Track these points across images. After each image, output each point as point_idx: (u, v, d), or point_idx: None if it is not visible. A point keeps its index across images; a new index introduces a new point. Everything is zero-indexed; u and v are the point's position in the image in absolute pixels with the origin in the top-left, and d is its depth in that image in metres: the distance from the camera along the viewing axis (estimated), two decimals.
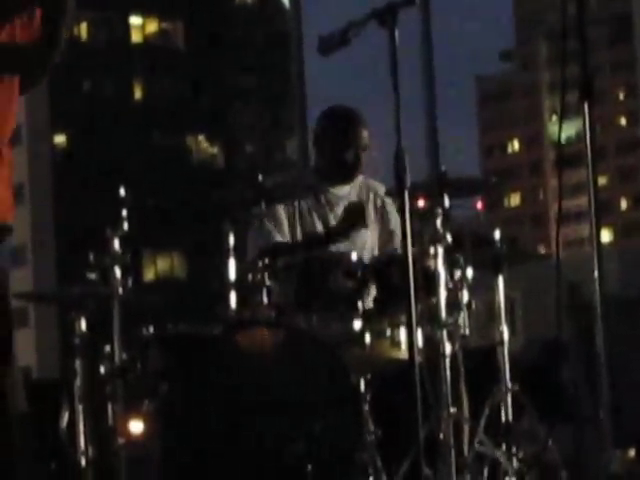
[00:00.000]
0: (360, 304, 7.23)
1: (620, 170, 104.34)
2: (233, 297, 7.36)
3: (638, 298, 7.41)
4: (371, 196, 8.41)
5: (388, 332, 7.27)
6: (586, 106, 5.68)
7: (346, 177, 8.36)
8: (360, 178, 8.44)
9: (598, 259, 5.68)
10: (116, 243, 7.71)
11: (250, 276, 7.35)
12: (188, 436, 6.93)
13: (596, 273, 5.67)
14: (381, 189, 8.30)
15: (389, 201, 8.26)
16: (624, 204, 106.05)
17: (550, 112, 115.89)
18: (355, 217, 7.71)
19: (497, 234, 7.75)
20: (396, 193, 6.61)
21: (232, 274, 7.40)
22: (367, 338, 7.20)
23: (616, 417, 5.72)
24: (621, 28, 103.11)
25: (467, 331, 7.35)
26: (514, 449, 7.27)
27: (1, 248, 5.98)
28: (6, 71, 5.89)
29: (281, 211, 8.26)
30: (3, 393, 6.33)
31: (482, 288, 7.57)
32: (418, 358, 6.33)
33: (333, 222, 8.28)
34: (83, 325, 7.90)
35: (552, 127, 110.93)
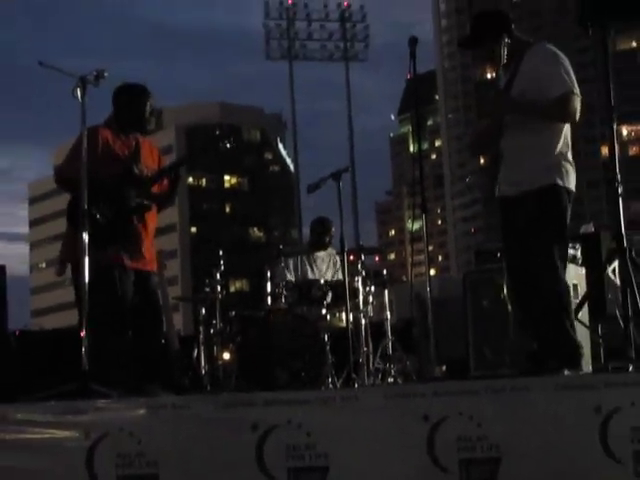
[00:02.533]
0: (325, 302, 7.18)
1: (439, 244, 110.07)
2: (269, 299, 7.33)
3: (446, 300, 7.36)
4: (331, 256, 8.35)
5: (337, 314, 7.19)
6: (424, 216, 5.83)
7: (324, 248, 8.34)
8: (328, 248, 8.38)
9: (429, 282, 5.90)
10: (217, 275, 7.65)
11: (276, 290, 7.34)
12: (248, 359, 6.99)
13: (428, 288, 5.84)
14: (334, 252, 8.29)
15: (337, 257, 8.18)
16: (440, 258, 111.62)
17: (408, 217, 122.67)
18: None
19: (384, 272, 7.88)
20: (341, 254, 6.93)
21: (268, 288, 7.34)
22: (328, 317, 7.18)
23: (436, 350, 5.92)
24: (439, 180, 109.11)
25: (371, 314, 7.35)
26: (392, 366, 7.26)
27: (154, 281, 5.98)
28: (155, 203, 5.90)
29: (290, 262, 8.22)
30: (167, 342, 6.67)
31: (378, 295, 7.56)
32: (350, 326, 6.58)
33: (314, 269, 8.27)
34: (203, 311, 7.85)
35: (408, 225, 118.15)
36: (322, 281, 7.45)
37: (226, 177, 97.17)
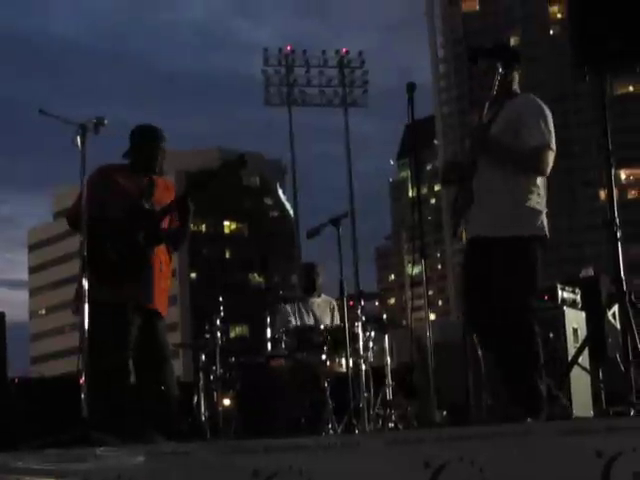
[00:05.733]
0: (325, 347, 7.18)
1: (438, 289, 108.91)
2: (269, 344, 7.50)
3: (446, 344, 7.23)
4: (328, 303, 8.43)
5: (337, 360, 7.16)
6: (423, 261, 5.69)
7: (315, 293, 8.46)
8: (322, 295, 8.50)
9: (429, 327, 5.77)
10: (217, 321, 7.60)
11: (276, 335, 7.47)
12: (249, 406, 7.06)
13: (428, 333, 5.73)
14: (332, 300, 8.40)
15: (335, 304, 8.29)
16: (440, 303, 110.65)
17: (407, 262, 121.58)
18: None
19: (384, 316, 7.79)
20: (340, 300, 6.97)
21: (268, 334, 7.55)
22: (328, 362, 7.18)
23: (437, 395, 5.76)
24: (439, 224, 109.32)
25: (371, 359, 7.32)
26: (393, 411, 7.27)
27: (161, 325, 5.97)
28: (177, 242, 6.02)
29: (288, 308, 8.30)
30: (167, 389, 6.77)
31: (378, 340, 7.54)
32: (350, 371, 6.57)
33: (310, 315, 8.32)
34: (203, 357, 7.83)
35: (408, 269, 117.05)
36: (322, 327, 7.47)
37: (226, 222, 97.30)
